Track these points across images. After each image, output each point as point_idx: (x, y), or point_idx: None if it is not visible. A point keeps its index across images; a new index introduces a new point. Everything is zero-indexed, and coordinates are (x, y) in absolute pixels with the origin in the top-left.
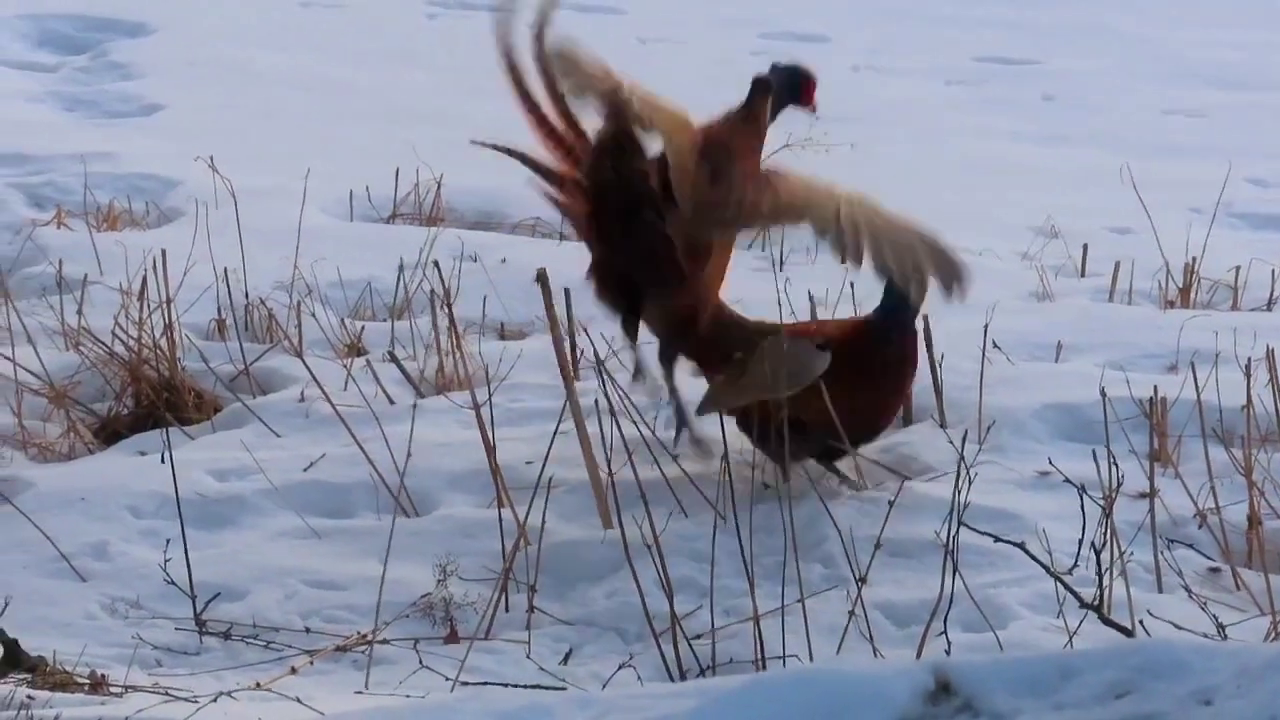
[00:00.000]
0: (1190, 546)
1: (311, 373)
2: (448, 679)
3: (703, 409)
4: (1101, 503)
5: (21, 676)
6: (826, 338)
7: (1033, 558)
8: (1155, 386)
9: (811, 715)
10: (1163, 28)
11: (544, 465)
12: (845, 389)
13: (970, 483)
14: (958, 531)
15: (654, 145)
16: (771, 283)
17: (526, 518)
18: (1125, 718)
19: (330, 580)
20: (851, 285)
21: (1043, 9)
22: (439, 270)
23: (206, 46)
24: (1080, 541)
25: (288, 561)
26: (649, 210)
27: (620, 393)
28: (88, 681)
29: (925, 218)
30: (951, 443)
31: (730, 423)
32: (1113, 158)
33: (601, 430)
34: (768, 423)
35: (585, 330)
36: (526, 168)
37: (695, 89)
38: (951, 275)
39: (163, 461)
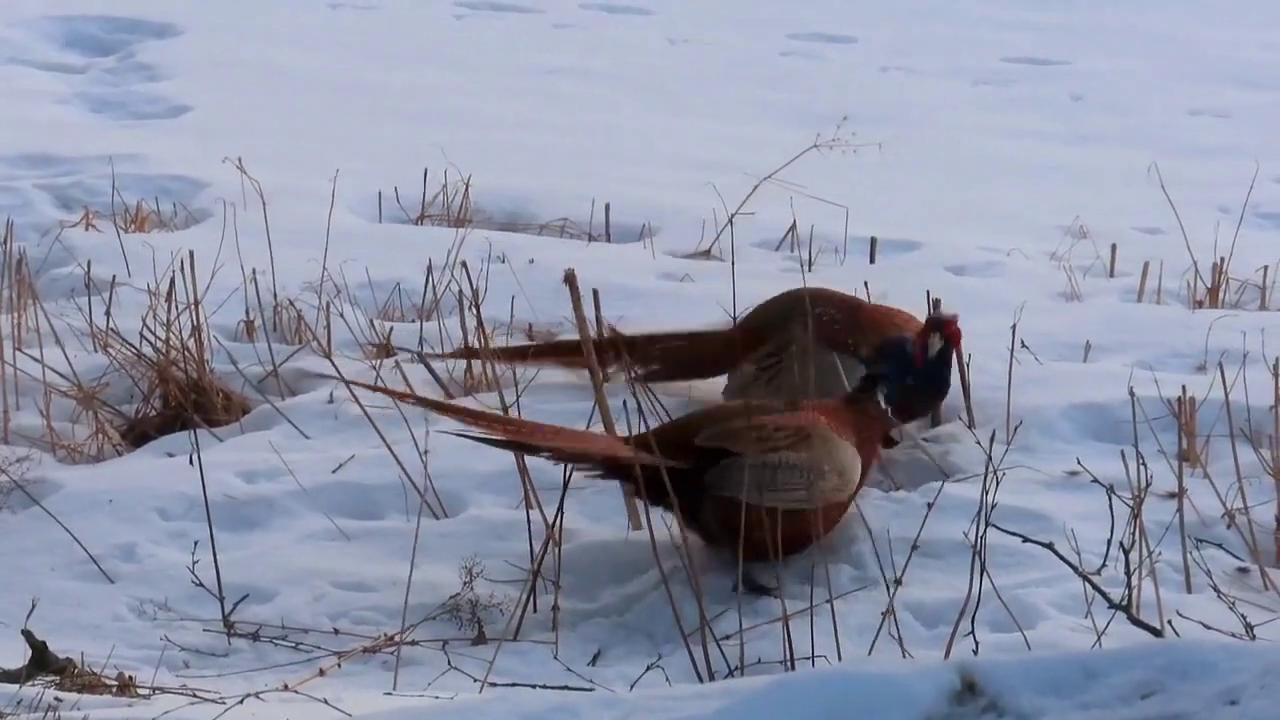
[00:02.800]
0: (1219, 546)
1: (340, 374)
2: (476, 680)
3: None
4: (1130, 503)
5: (50, 678)
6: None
7: (1061, 558)
8: (1184, 386)
9: (836, 716)
10: (1190, 29)
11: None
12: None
13: (998, 483)
14: (986, 532)
15: None
16: (799, 283)
17: (556, 519)
18: (1150, 718)
19: (359, 582)
20: (872, 286)
21: (1070, 10)
22: (467, 271)
23: (234, 47)
24: (1109, 541)
25: (316, 563)
26: None
27: (648, 393)
28: (115, 683)
29: (952, 216)
30: (979, 443)
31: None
32: (1141, 158)
33: (630, 430)
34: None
35: (614, 331)
36: None
37: (723, 89)
38: None
39: (191, 463)
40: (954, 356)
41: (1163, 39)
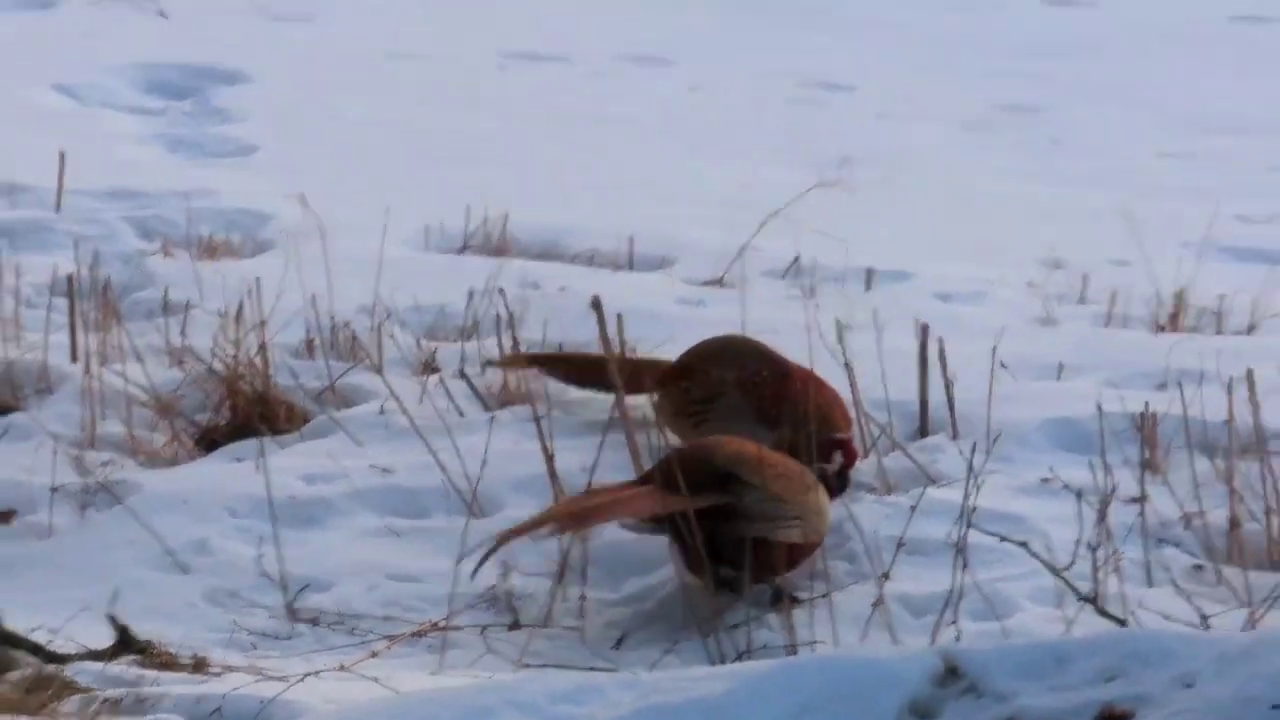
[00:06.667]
0: (1177, 546)
1: (390, 388)
2: (512, 662)
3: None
4: (1097, 507)
5: (132, 657)
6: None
7: (1035, 556)
8: (1146, 403)
9: (832, 695)
10: (1159, 79)
11: (592, 471)
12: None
13: (979, 488)
14: (968, 532)
15: None
16: (801, 309)
17: None
18: (1114, 699)
19: (407, 573)
20: (875, 312)
21: (1052, 61)
22: (504, 297)
23: (299, 94)
24: (1078, 541)
25: (369, 557)
26: None
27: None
28: (190, 662)
29: (941, 249)
30: (962, 453)
31: None
32: (1112, 197)
33: (649, 439)
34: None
35: (635, 351)
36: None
37: (737, 132)
38: None
39: (257, 468)
40: (849, 469)
41: (1134, 88)
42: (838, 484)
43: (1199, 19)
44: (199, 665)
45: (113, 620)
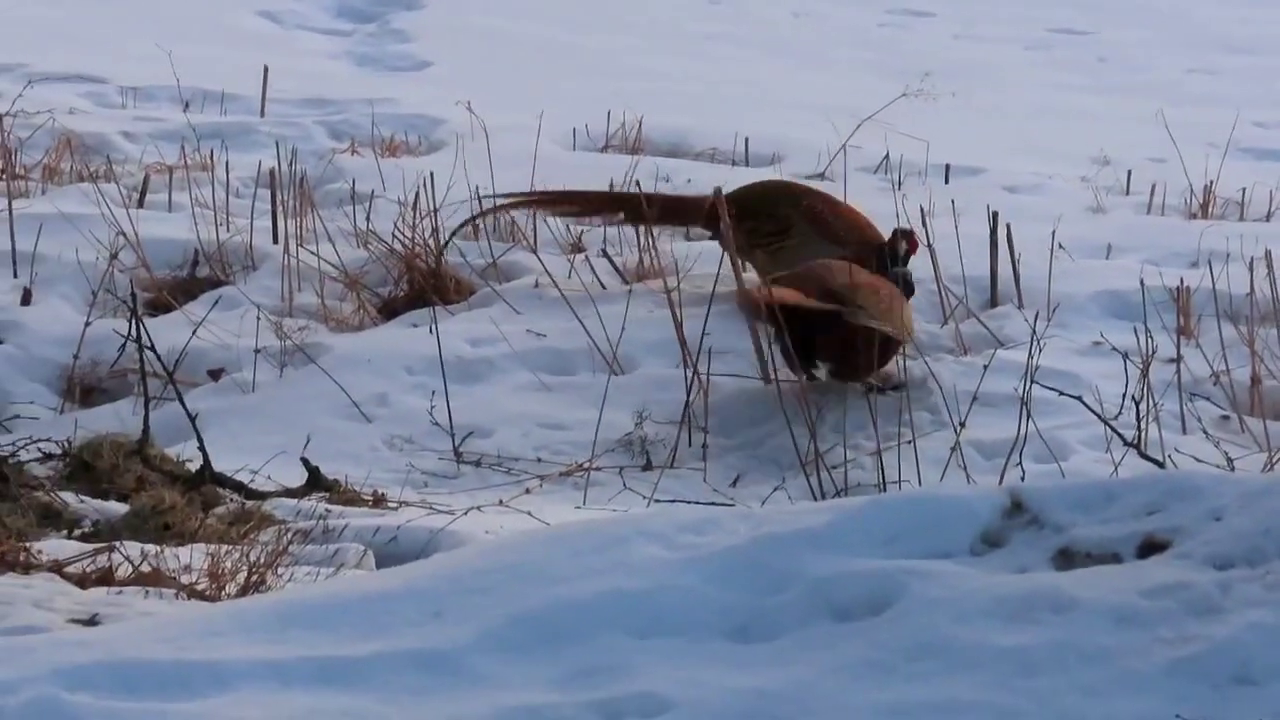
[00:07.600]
0: (1207, 399)
1: (544, 265)
2: (644, 498)
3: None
4: (1140, 366)
5: (322, 494)
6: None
7: (1088, 407)
8: (1181, 278)
9: (917, 526)
10: (1188, 6)
11: (704, 331)
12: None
13: (1041, 350)
14: (1031, 387)
15: None
16: (891, 199)
17: (704, 374)
18: (1154, 530)
19: (557, 422)
20: (952, 202)
21: None
22: (640, 188)
23: (466, 17)
24: (1124, 395)
25: (525, 408)
26: None
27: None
28: (371, 498)
29: (1008, 149)
30: (1026, 320)
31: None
32: (1150, 105)
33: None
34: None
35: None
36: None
37: (834, 51)
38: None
39: (430, 332)
40: (912, 253)
41: (1168, 14)
42: (904, 260)
43: None
44: (378, 501)
45: (305, 462)
